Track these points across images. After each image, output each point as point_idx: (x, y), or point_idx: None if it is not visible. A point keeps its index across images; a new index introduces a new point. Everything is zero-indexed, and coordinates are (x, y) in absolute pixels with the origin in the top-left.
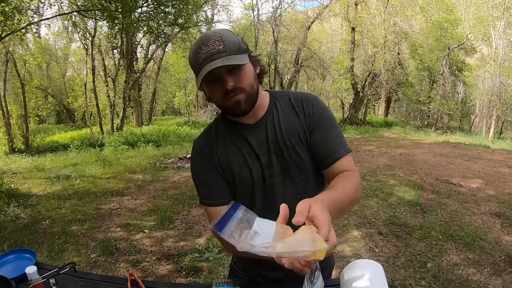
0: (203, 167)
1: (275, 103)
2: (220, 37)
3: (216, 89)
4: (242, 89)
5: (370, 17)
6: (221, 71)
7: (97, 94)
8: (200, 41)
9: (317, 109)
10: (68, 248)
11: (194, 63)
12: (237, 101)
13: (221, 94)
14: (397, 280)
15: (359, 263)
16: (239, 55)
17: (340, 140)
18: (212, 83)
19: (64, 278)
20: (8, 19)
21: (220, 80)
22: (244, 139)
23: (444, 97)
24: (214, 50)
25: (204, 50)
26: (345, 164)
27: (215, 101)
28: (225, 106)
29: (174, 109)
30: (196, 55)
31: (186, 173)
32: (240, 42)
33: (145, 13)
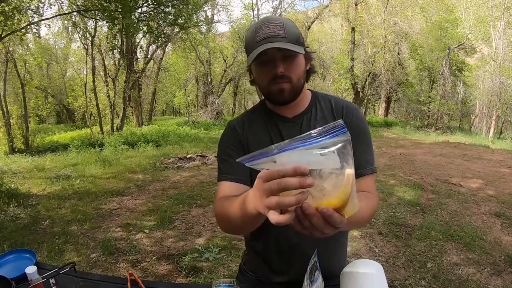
0: (230, 143)
1: (316, 103)
2: (282, 24)
3: (265, 72)
4: (290, 78)
5: (370, 17)
6: (276, 55)
7: (97, 94)
8: (261, 22)
9: (356, 120)
10: (68, 248)
11: (249, 41)
12: (281, 88)
13: (269, 78)
14: (397, 280)
15: (359, 263)
16: (297, 46)
17: (370, 157)
18: (262, 65)
19: (64, 278)
20: (8, 19)
21: (272, 64)
22: (277, 129)
23: (444, 97)
24: (274, 33)
25: (264, 30)
26: (368, 184)
27: (261, 83)
28: (268, 91)
29: (174, 109)
30: (254, 34)
31: (186, 173)
32: (299, 35)
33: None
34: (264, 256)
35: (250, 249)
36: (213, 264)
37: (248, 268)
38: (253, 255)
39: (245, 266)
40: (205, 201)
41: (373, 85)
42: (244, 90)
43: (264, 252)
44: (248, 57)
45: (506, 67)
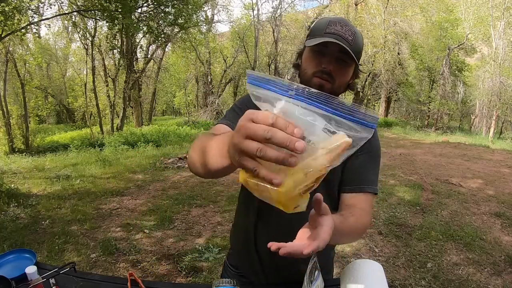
0: (244, 103)
1: None
2: (355, 32)
3: (316, 61)
4: (334, 80)
5: (370, 17)
6: (335, 52)
7: (97, 94)
8: (338, 19)
9: (374, 141)
10: (68, 248)
11: (318, 28)
12: (321, 84)
13: (316, 68)
14: (397, 280)
15: (359, 263)
16: (355, 57)
17: (375, 178)
18: (318, 54)
19: (64, 278)
20: (8, 19)
21: (326, 57)
22: None
23: (444, 97)
24: (343, 34)
25: (337, 27)
26: (365, 202)
27: (305, 70)
28: (308, 81)
29: (174, 109)
30: (326, 25)
31: (186, 173)
32: (361, 50)
33: (145, 13)
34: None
35: (232, 244)
36: (213, 264)
37: (230, 262)
38: (235, 250)
39: (227, 261)
40: (205, 201)
41: (373, 85)
42: (244, 90)
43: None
44: (308, 40)
45: (506, 67)
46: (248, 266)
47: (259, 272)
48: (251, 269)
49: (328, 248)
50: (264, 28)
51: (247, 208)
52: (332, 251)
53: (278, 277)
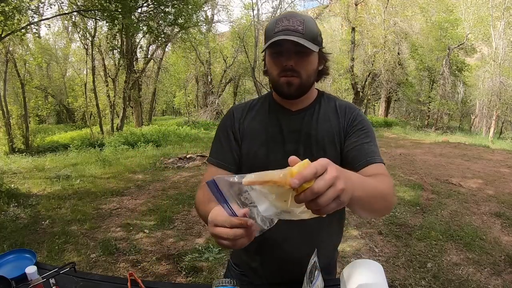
0: (225, 128)
1: (320, 101)
2: (303, 20)
3: (277, 63)
4: (299, 73)
5: (370, 17)
6: (290, 48)
7: (97, 94)
8: (284, 15)
9: (359, 117)
10: (68, 248)
11: (268, 31)
12: (289, 82)
13: (279, 69)
14: (397, 280)
15: (359, 263)
16: (312, 44)
17: (377, 150)
18: (276, 55)
19: (64, 278)
20: (8, 19)
21: (284, 56)
22: (277, 121)
23: (444, 97)
24: (292, 27)
25: (284, 23)
26: (380, 170)
27: (271, 74)
28: (277, 82)
29: (174, 109)
30: (274, 24)
31: (186, 173)
32: (318, 35)
33: (145, 13)
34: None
35: None
36: (213, 264)
37: (233, 261)
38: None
39: (231, 260)
40: None
41: (373, 85)
42: (244, 90)
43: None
44: (264, 45)
45: (506, 67)
46: (250, 264)
47: (259, 270)
48: (253, 268)
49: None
50: (264, 28)
51: None
52: (336, 252)
53: (281, 277)
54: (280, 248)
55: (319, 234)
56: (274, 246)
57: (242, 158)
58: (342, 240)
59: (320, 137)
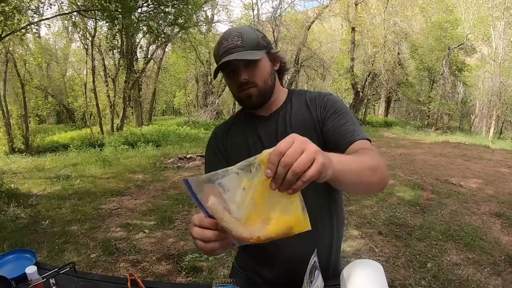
0: (212, 149)
1: (291, 99)
2: (240, 33)
3: (232, 81)
4: (254, 83)
5: (370, 17)
6: (238, 64)
7: (97, 94)
8: (222, 36)
9: (329, 101)
10: (68, 248)
11: (215, 55)
12: (249, 94)
13: (236, 86)
14: (397, 280)
15: (359, 263)
16: (256, 51)
17: (356, 127)
18: (229, 75)
19: (64, 278)
20: (8, 19)
21: (235, 73)
22: (254, 130)
23: (444, 97)
24: (232, 45)
25: (224, 44)
26: (365, 145)
27: (232, 92)
28: (239, 98)
29: (174, 109)
30: (217, 48)
31: (186, 173)
32: (260, 39)
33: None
34: (250, 253)
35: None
36: (213, 264)
37: (238, 265)
38: (242, 251)
39: (236, 263)
40: None
41: (373, 85)
42: None
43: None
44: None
45: (506, 67)
46: (255, 268)
47: (264, 272)
48: (258, 271)
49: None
50: (264, 28)
51: None
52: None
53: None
54: (282, 249)
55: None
56: (276, 247)
57: None
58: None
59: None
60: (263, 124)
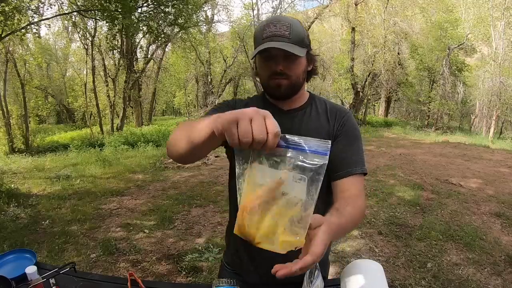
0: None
1: (312, 103)
2: (290, 24)
3: (266, 66)
4: (288, 76)
5: (370, 17)
6: (279, 53)
7: (97, 94)
8: (271, 20)
9: (348, 122)
10: (68, 248)
11: (257, 36)
12: (279, 84)
13: (269, 73)
14: (397, 280)
15: (359, 263)
16: (299, 47)
17: (359, 158)
18: (265, 60)
19: (64, 278)
20: (8, 19)
21: (273, 60)
22: None
23: (444, 97)
24: (279, 33)
25: (271, 29)
26: (355, 184)
27: (261, 77)
28: (267, 85)
29: (174, 109)
30: (262, 30)
31: (186, 173)
32: (305, 37)
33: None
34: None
35: (227, 243)
36: (213, 264)
37: (225, 260)
38: (229, 248)
39: (224, 259)
40: (205, 201)
41: (373, 85)
42: (244, 90)
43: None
44: (253, 50)
45: (506, 67)
46: (240, 264)
47: (251, 270)
48: (244, 267)
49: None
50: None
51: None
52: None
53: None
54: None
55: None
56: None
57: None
58: (342, 240)
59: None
60: (279, 117)
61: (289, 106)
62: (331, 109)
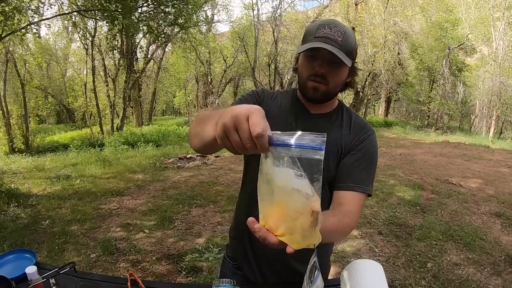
0: (251, 97)
1: (339, 111)
2: (344, 32)
3: (309, 65)
4: (327, 81)
5: (370, 17)
6: (326, 56)
7: (97, 94)
8: (327, 22)
9: (368, 139)
10: (68, 248)
11: (309, 32)
12: (316, 87)
13: (309, 72)
14: (397, 280)
15: (359, 263)
16: (347, 57)
17: (367, 178)
18: (310, 59)
19: (64, 278)
20: (8, 19)
21: (318, 61)
22: (294, 117)
23: (444, 97)
24: (332, 37)
25: (326, 30)
26: (354, 201)
27: (300, 74)
28: (304, 84)
29: (174, 109)
30: (315, 28)
31: (186, 173)
32: (354, 49)
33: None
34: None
35: (230, 236)
36: (213, 264)
37: (228, 254)
38: (233, 242)
39: (226, 253)
40: (205, 201)
41: (373, 85)
42: (244, 90)
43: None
44: (301, 45)
45: (506, 67)
46: (243, 257)
47: (252, 263)
48: (245, 260)
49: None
50: (264, 28)
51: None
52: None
53: (272, 271)
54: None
55: None
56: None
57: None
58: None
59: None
60: (304, 119)
61: (317, 110)
62: (355, 123)
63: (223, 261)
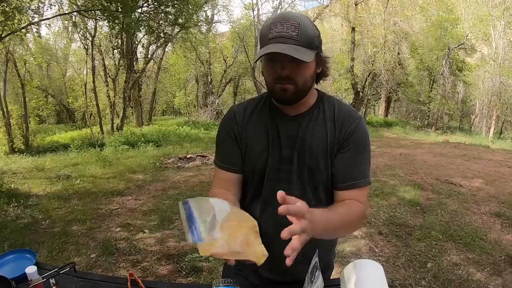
0: (228, 130)
1: (320, 105)
2: (298, 24)
3: (271, 69)
4: (294, 81)
5: (370, 17)
6: (285, 56)
7: (97, 94)
8: (278, 18)
9: (357, 130)
10: (68, 248)
11: (263, 36)
12: (284, 89)
13: (274, 76)
14: (397, 280)
15: (359, 263)
16: (307, 50)
17: (365, 169)
18: (270, 63)
19: (64, 278)
20: (8, 19)
21: (279, 64)
22: (275, 126)
23: (444, 97)
24: (286, 34)
25: (278, 28)
26: (358, 196)
27: (266, 79)
28: (272, 88)
29: (174, 109)
30: (268, 29)
31: (186, 173)
32: (315, 38)
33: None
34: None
35: None
36: (213, 264)
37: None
38: None
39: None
40: None
41: (373, 85)
42: (244, 90)
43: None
44: (259, 50)
45: (506, 67)
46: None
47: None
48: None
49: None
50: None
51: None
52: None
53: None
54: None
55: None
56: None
57: (244, 160)
58: (342, 240)
59: (315, 145)
60: (285, 123)
61: (295, 111)
62: (340, 113)
63: (225, 262)
